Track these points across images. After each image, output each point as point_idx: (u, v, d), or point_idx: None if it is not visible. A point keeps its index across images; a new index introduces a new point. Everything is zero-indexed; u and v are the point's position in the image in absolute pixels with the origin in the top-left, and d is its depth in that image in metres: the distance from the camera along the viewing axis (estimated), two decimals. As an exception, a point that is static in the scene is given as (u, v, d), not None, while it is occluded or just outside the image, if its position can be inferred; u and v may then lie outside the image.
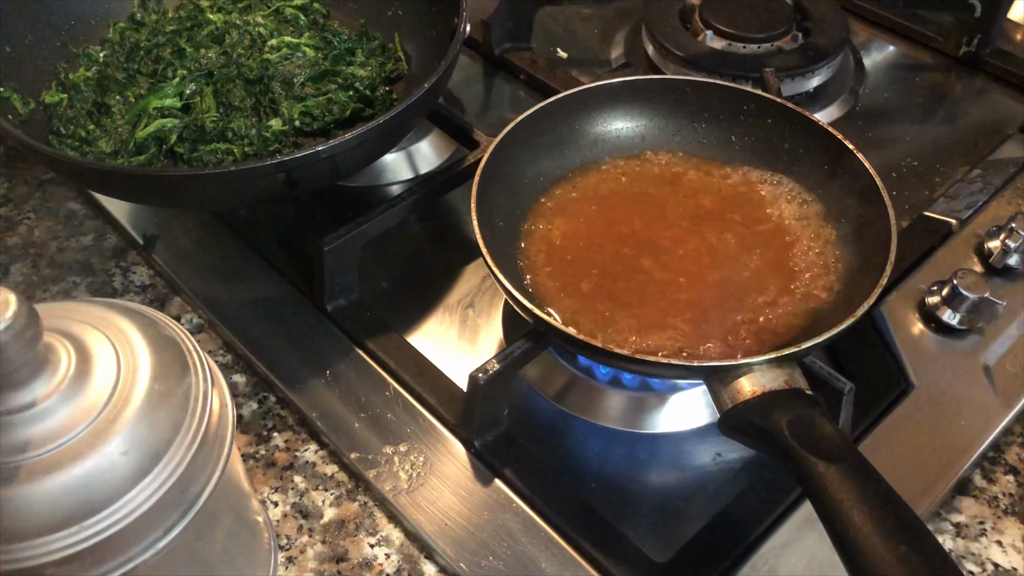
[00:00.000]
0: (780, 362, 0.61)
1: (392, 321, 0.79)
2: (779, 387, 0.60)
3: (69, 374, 0.47)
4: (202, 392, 0.51)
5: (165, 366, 0.51)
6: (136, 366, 0.49)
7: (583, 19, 1.12)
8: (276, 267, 0.83)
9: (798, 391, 0.59)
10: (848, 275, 0.71)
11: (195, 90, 0.84)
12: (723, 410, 0.61)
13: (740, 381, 0.60)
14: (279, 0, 0.94)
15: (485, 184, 0.74)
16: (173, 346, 0.52)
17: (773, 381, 0.60)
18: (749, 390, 0.60)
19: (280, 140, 0.82)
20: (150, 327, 0.52)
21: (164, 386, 0.50)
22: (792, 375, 0.61)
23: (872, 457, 0.69)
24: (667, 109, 0.82)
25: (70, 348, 0.48)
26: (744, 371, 0.61)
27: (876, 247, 0.68)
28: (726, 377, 0.61)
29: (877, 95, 1.04)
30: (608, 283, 0.73)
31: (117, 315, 0.52)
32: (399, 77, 0.90)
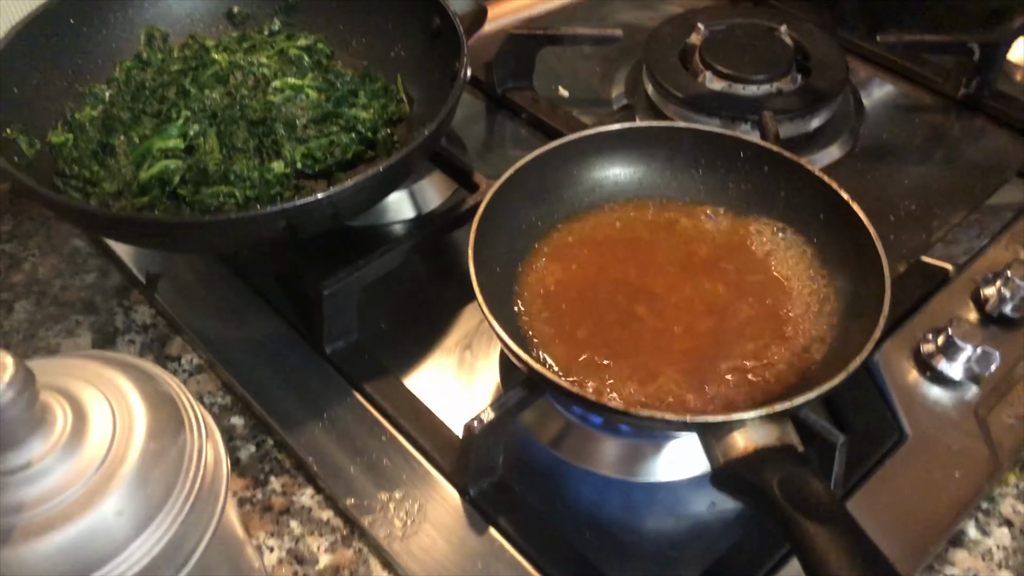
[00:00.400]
0: (773, 418, 0.61)
1: (390, 363, 0.80)
2: (772, 443, 0.60)
3: (65, 434, 0.48)
4: (197, 449, 0.52)
5: (161, 424, 0.51)
6: (132, 425, 0.50)
7: (585, 57, 1.13)
8: (276, 307, 0.84)
9: (790, 448, 0.60)
10: (842, 326, 0.72)
11: (199, 131, 0.85)
12: (715, 466, 0.61)
13: (733, 436, 0.61)
14: (284, 41, 0.95)
15: (482, 232, 0.74)
16: (169, 403, 0.53)
17: (766, 437, 0.60)
18: (742, 446, 0.60)
19: (281, 183, 0.83)
20: (147, 383, 0.53)
21: (159, 445, 0.50)
22: (785, 431, 0.61)
23: (866, 508, 0.71)
24: (665, 155, 0.83)
25: (66, 407, 0.49)
26: (737, 426, 0.61)
27: (870, 301, 0.68)
28: (719, 432, 0.62)
29: (876, 135, 1.04)
30: (603, 330, 0.74)
31: (114, 371, 0.53)
32: (401, 119, 0.91)
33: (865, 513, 0.70)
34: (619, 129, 0.82)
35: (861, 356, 0.63)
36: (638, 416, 0.62)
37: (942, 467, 0.73)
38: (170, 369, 0.81)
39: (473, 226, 0.74)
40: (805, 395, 0.62)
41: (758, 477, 0.58)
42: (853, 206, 0.73)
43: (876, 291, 0.68)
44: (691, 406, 0.68)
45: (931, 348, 0.79)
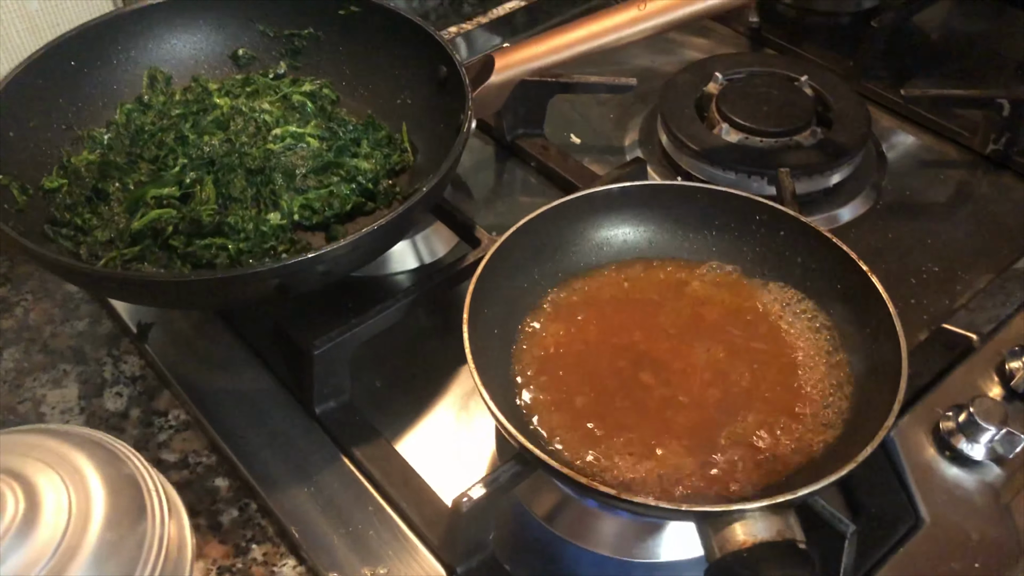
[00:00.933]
0: (776, 508, 0.58)
1: (382, 425, 0.77)
2: (772, 538, 0.56)
3: (15, 522, 0.45)
4: (158, 538, 0.49)
5: (120, 510, 0.48)
6: (89, 512, 0.47)
7: (599, 103, 1.10)
8: (268, 363, 0.81)
9: (791, 545, 0.56)
10: (856, 406, 0.68)
11: (195, 178, 0.83)
12: (711, 558, 0.58)
13: (733, 527, 0.57)
14: (288, 85, 0.93)
15: (480, 292, 0.72)
16: (132, 485, 0.50)
17: (767, 530, 0.57)
18: (740, 539, 0.57)
19: (277, 235, 0.80)
20: (109, 464, 0.50)
21: (116, 534, 0.47)
22: (787, 523, 0.57)
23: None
24: (677, 215, 0.80)
25: (18, 492, 0.47)
26: (737, 517, 0.57)
27: (886, 382, 0.64)
28: (718, 522, 0.58)
29: (900, 191, 1.00)
30: (603, 399, 0.70)
31: (75, 450, 0.50)
32: (404, 169, 0.89)
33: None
34: (629, 187, 0.79)
35: (872, 445, 0.59)
36: (631, 503, 0.59)
37: (961, 556, 0.69)
38: (157, 425, 0.79)
39: (470, 289, 0.71)
40: (810, 487, 0.58)
41: None
42: (872, 279, 0.69)
43: (892, 372, 0.65)
44: (691, 487, 0.64)
45: (951, 426, 0.74)
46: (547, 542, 0.71)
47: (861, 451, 0.60)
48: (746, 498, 0.61)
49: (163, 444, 0.78)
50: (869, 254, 0.91)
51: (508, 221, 0.96)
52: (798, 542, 0.57)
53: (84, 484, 0.48)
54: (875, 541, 0.69)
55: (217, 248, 0.78)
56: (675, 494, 0.63)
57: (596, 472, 0.66)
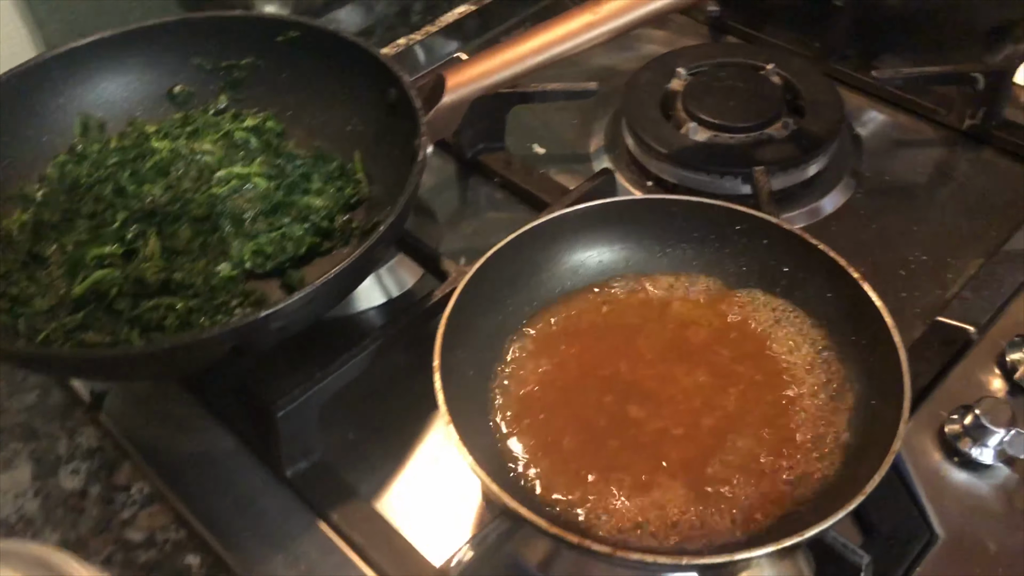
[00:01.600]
0: (784, 552, 0.54)
1: (359, 481, 0.72)
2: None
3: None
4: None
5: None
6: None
7: (560, 109, 1.05)
8: (231, 425, 0.76)
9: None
10: (859, 424, 0.64)
11: (138, 233, 0.78)
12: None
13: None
14: (230, 121, 0.88)
15: (451, 334, 0.67)
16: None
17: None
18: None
19: (228, 288, 0.75)
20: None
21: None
22: (797, 569, 0.54)
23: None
24: (653, 231, 0.75)
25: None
26: (743, 566, 0.53)
27: (887, 398, 0.60)
28: (722, 572, 0.54)
29: (879, 176, 0.96)
30: (592, 438, 0.66)
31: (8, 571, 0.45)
32: (360, 201, 0.84)
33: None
34: (600, 205, 0.75)
35: (880, 471, 0.56)
36: (627, 560, 0.55)
37: (981, 570, 0.65)
38: (119, 502, 0.74)
39: (439, 332, 0.67)
40: (819, 525, 0.54)
41: None
42: (865, 287, 0.65)
43: (894, 387, 0.61)
44: (692, 531, 0.60)
45: (957, 429, 0.71)
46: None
47: (869, 478, 0.56)
48: (752, 542, 0.57)
49: (127, 522, 0.73)
50: (854, 248, 0.87)
51: (476, 243, 0.93)
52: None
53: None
54: (890, 562, 0.65)
55: (165, 308, 0.73)
56: (674, 541, 0.59)
57: (590, 521, 0.61)
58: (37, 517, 0.72)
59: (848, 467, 0.61)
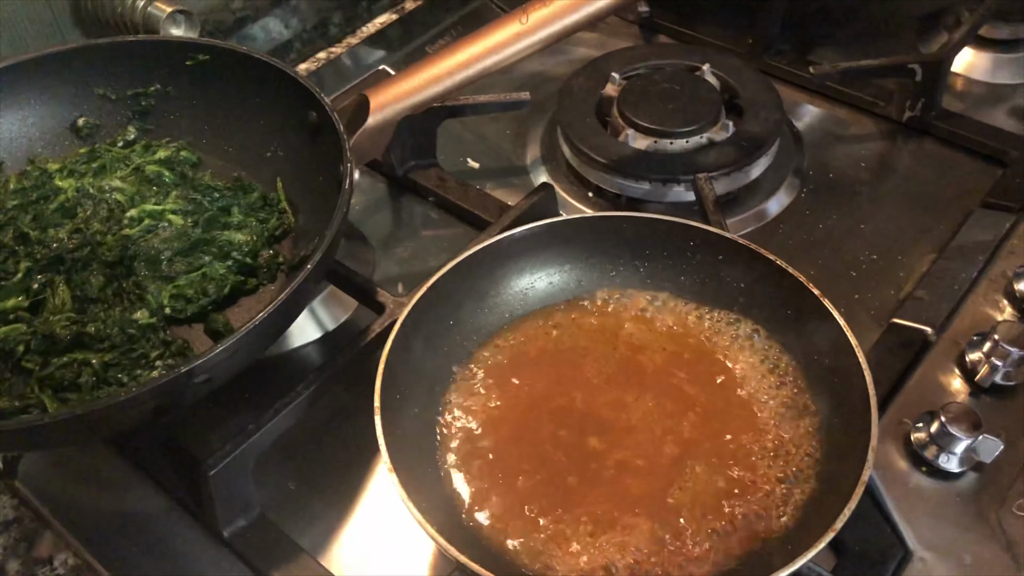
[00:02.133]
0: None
1: (302, 535, 0.68)
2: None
3: None
4: None
5: None
6: None
7: (493, 120, 1.01)
8: (161, 482, 0.71)
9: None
10: (825, 449, 0.61)
11: (44, 282, 0.71)
12: None
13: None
14: (140, 154, 0.82)
15: (391, 376, 0.63)
16: None
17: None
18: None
19: (147, 337, 0.69)
20: None
21: None
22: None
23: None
24: (602, 249, 0.72)
25: None
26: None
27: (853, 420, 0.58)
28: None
29: (822, 173, 0.94)
30: (549, 476, 0.63)
31: None
32: (285, 233, 0.78)
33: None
34: (544, 226, 0.71)
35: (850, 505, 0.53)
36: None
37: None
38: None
39: (379, 372, 0.62)
40: (789, 566, 0.51)
41: None
42: (825, 302, 0.63)
43: (859, 405, 0.58)
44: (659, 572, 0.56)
45: (923, 437, 0.69)
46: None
47: (840, 511, 0.54)
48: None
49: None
50: (803, 250, 0.86)
51: (415, 267, 0.88)
52: None
53: None
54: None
55: (79, 364, 0.67)
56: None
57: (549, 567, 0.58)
58: (-51, 602, 0.66)
59: (817, 496, 0.59)
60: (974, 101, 1.00)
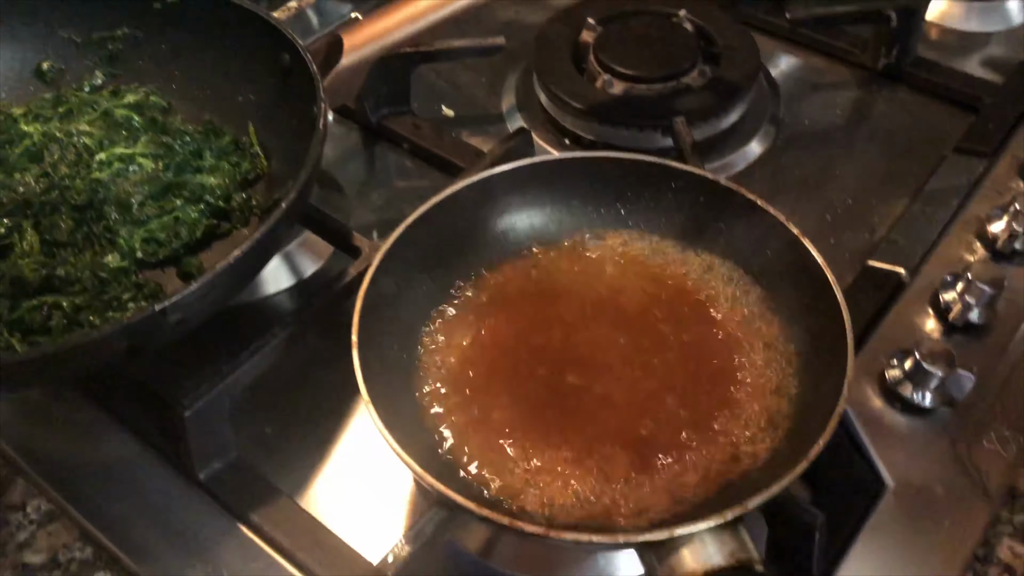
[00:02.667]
0: (726, 526, 0.51)
1: (280, 479, 0.67)
2: (724, 563, 0.49)
3: None
4: None
5: None
6: None
7: (467, 68, 1.00)
8: (133, 428, 0.70)
9: (747, 569, 0.49)
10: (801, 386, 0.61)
11: (11, 227, 0.70)
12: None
13: (680, 554, 0.50)
14: (108, 99, 0.80)
15: (369, 312, 0.62)
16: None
17: (718, 552, 0.50)
18: (690, 567, 0.50)
19: (119, 280, 0.68)
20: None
21: None
22: (739, 541, 0.51)
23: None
24: (583, 190, 0.71)
25: None
26: (683, 541, 0.50)
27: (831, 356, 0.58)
28: (662, 550, 0.51)
29: (798, 121, 0.94)
30: (527, 410, 0.62)
31: None
32: (259, 177, 0.77)
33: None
34: (523, 166, 0.70)
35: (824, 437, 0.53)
36: (562, 541, 0.51)
37: (931, 516, 0.64)
38: (14, 522, 0.67)
39: (356, 311, 0.62)
40: (761, 494, 0.51)
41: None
42: (804, 242, 0.63)
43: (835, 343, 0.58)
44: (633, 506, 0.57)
45: (898, 374, 0.69)
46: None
47: (814, 442, 0.54)
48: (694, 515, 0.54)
49: (25, 544, 0.66)
50: (779, 195, 0.86)
51: (389, 215, 0.87)
52: (755, 563, 0.50)
53: None
54: (841, 515, 0.63)
55: (49, 308, 0.66)
56: (614, 516, 0.56)
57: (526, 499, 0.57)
58: (-80, 548, 0.65)
59: (793, 429, 0.59)
60: (948, 50, 1.01)
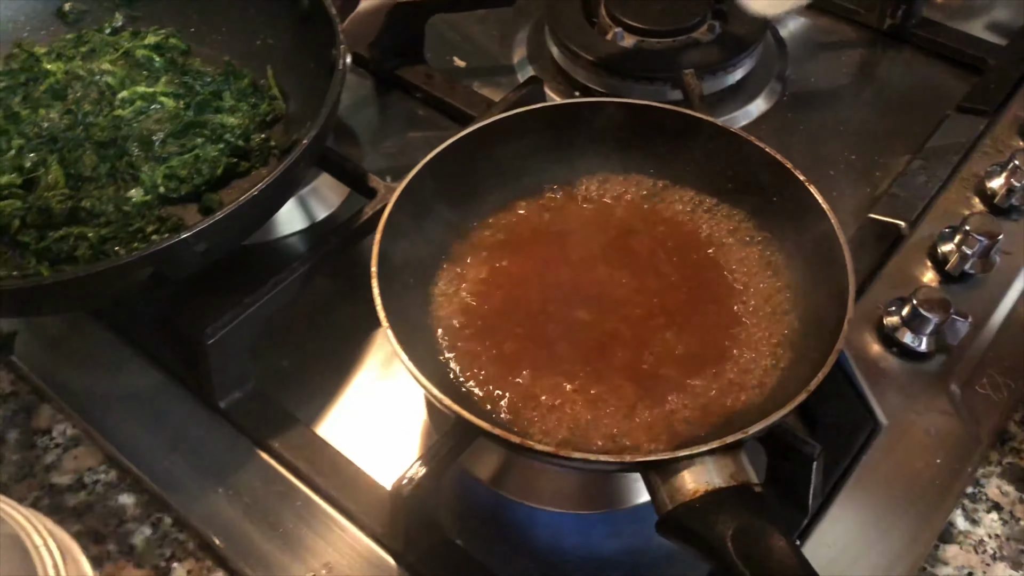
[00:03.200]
0: (726, 450, 0.53)
1: (297, 409, 0.70)
2: (724, 483, 0.52)
3: None
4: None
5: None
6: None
7: (479, 20, 1.01)
8: (155, 358, 0.72)
9: (746, 489, 0.52)
10: (802, 326, 0.63)
11: (37, 161, 0.72)
12: (661, 511, 0.53)
13: (682, 475, 0.52)
14: (129, 40, 0.82)
15: (387, 248, 0.64)
16: (14, 548, 0.42)
17: (718, 475, 0.52)
18: (691, 487, 0.52)
19: (142, 214, 0.70)
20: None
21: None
22: (739, 464, 0.53)
23: (848, 513, 0.64)
24: (595, 135, 0.72)
25: None
26: (685, 463, 0.53)
27: (831, 299, 0.60)
28: (665, 471, 0.53)
29: (804, 79, 0.96)
30: (539, 342, 0.64)
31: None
32: (276, 119, 0.79)
33: (845, 521, 0.63)
34: (536, 110, 0.72)
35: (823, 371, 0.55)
36: (569, 460, 0.54)
37: (922, 455, 0.67)
38: (41, 445, 0.70)
39: (375, 247, 0.63)
40: (761, 423, 0.53)
41: (710, 529, 0.50)
42: (811, 189, 0.64)
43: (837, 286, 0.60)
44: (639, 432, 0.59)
45: (895, 321, 0.72)
46: (498, 507, 0.66)
47: (812, 377, 0.55)
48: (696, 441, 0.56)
49: (52, 466, 0.69)
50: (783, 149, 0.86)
51: (400, 162, 0.89)
52: (753, 485, 0.52)
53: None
54: (837, 452, 0.66)
55: (76, 238, 0.68)
56: (621, 442, 0.58)
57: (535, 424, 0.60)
58: (-49, 467, 0.68)
59: (793, 366, 0.61)
60: (952, 11, 1.02)
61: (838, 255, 0.62)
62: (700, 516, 0.51)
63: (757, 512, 0.51)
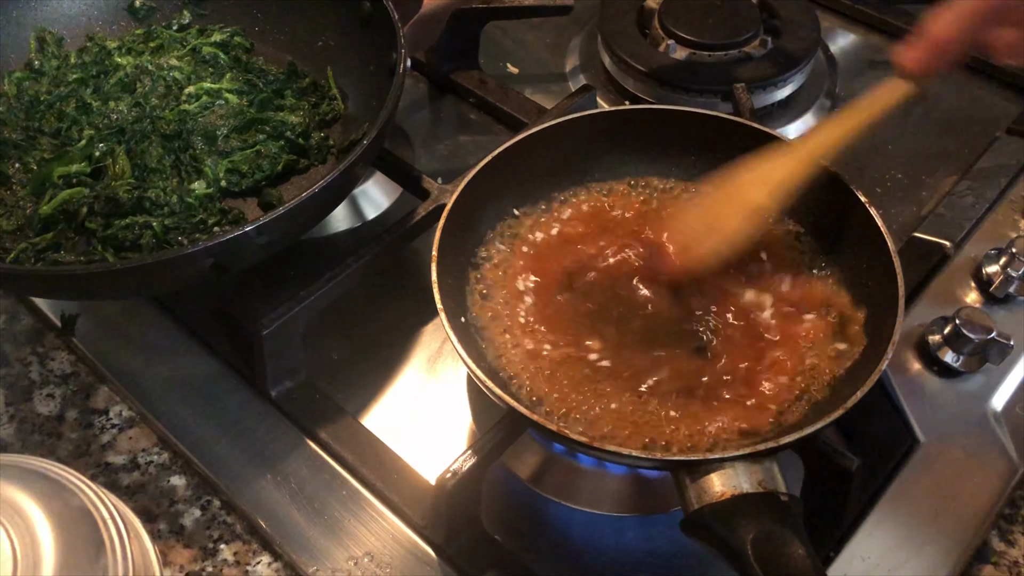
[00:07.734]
0: (757, 458, 0.54)
1: (346, 400, 0.72)
2: (751, 489, 0.53)
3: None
4: (120, 572, 0.43)
5: (74, 550, 0.43)
6: (38, 558, 0.41)
7: (533, 28, 1.03)
8: (211, 346, 0.75)
9: (772, 497, 0.53)
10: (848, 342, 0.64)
11: (106, 151, 0.75)
12: (687, 510, 0.54)
13: (711, 478, 0.54)
14: (196, 37, 0.84)
15: (445, 248, 0.66)
16: (84, 519, 0.44)
17: (747, 480, 0.54)
18: (718, 490, 0.53)
19: (205, 206, 0.73)
20: (55, 498, 0.44)
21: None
22: (769, 473, 0.54)
23: (883, 527, 0.64)
24: (652, 140, 0.74)
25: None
26: (716, 466, 0.54)
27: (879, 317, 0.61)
28: (695, 471, 0.55)
29: (852, 95, 0.96)
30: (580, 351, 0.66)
31: (13, 486, 0.44)
32: (335, 119, 0.81)
33: (880, 536, 0.64)
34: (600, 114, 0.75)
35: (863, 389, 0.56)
36: (603, 451, 0.55)
37: (959, 473, 0.67)
38: (98, 425, 0.72)
39: (435, 246, 0.65)
40: (793, 434, 0.55)
41: (732, 532, 0.51)
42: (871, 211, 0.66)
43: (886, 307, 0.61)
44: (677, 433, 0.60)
45: (937, 339, 0.72)
46: (536, 505, 0.67)
47: (853, 393, 0.56)
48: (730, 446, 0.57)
49: (107, 446, 0.71)
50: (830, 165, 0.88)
51: (453, 164, 0.91)
52: (780, 494, 0.53)
53: (29, 527, 0.42)
54: (873, 469, 0.67)
55: (140, 227, 0.70)
56: (658, 441, 0.60)
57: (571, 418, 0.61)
58: (13, 442, 0.71)
59: (833, 383, 0.62)
60: (1006, 34, 1.02)
61: (890, 275, 0.62)
62: (724, 518, 0.53)
63: (780, 520, 0.52)
